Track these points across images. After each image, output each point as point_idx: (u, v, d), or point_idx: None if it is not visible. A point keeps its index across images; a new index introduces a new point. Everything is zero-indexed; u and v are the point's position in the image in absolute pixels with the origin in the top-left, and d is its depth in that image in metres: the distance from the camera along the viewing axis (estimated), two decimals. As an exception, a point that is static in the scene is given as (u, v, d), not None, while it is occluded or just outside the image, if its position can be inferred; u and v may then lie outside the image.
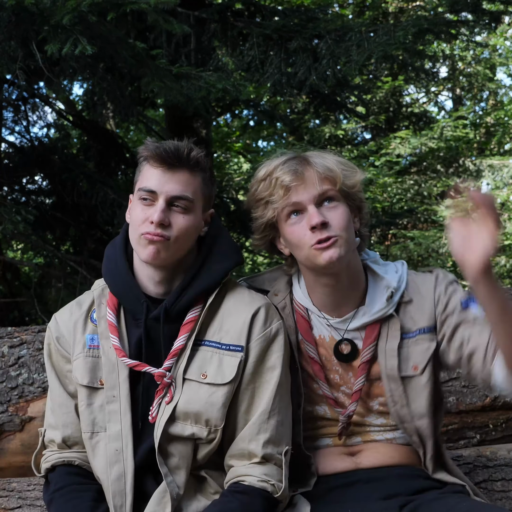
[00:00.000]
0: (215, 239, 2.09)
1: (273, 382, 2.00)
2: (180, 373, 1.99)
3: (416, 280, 2.17)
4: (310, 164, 2.07)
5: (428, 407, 2.10)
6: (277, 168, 2.07)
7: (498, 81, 13.86)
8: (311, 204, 2.03)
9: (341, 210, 2.06)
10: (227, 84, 4.35)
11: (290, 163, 2.07)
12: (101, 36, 4.01)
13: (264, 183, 2.10)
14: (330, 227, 2.02)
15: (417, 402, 2.10)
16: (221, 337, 2.01)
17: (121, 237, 2.13)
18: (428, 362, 2.09)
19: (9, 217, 4.81)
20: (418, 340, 2.10)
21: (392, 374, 2.09)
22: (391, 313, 2.11)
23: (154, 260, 1.98)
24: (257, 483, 1.94)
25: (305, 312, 2.17)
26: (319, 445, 2.19)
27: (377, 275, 2.16)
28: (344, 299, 2.14)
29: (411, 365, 2.10)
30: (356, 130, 12.75)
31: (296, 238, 2.06)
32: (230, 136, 12.03)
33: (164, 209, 1.96)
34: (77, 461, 2.07)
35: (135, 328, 2.05)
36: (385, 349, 2.10)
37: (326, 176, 2.05)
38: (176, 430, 1.98)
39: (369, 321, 2.11)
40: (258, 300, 2.07)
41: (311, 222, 2.01)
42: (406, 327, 2.11)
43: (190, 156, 1.98)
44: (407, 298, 2.13)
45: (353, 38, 4.97)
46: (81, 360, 2.06)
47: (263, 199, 2.10)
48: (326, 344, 2.16)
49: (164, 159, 1.97)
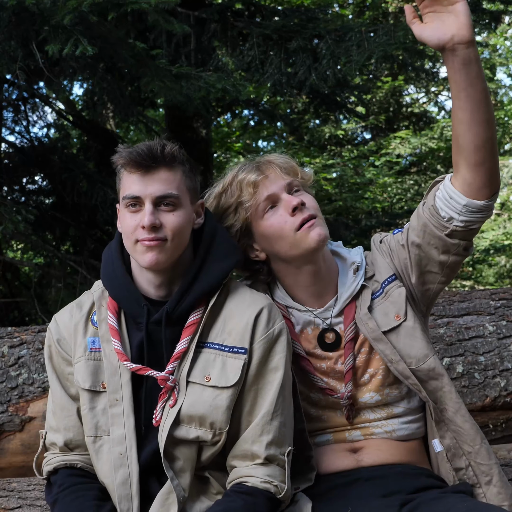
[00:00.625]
0: (212, 237, 2.08)
1: (276, 383, 1.99)
2: (184, 376, 1.98)
3: (367, 255, 2.25)
4: (269, 161, 2.16)
5: (427, 346, 2.12)
6: (238, 173, 2.15)
7: (498, 81, 13.87)
8: (283, 192, 2.11)
9: (310, 196, 2.16)
10: (226, 84, 4.35)
11: (248, 165, 2.16)
12: (101, 36, 4.01)
13: (226, 193, 2.16)
14: (308, 208, 2.11)
15: (415, 346, 2.11)
16: (224, 339, 2.00)
17: (116, 241, 2.12)
18: (406, 305, 2.13)
19: (9, 217, 4.81)
20: (387, 292, 2.15)
21: (375, 335, 2.12)
22: (362, 284, 2.17)
23: (155, 265, 1.96)
24: (260, 484, 1.94)
25: (285, 311, 2.19)
26: (320, 442, 2.19)
27: (343, 258, 2.23)
28: (324, 287, 2.18)
29: (393, 316, 2.13)
30: (356, 130, 12.75)
31: (278, 228, 2.09)
32: (230, 136, 12.03)
33: (152, 211, 1.94)
34: (80, 464, 2.06)
35: (136, 331, 2.03)
36: (360, 317, 2.14)
37: (287, 168, 2.15)
38: (181, 433, 1.97)
39: (346, 300, 2.16)
40: (260, 301, 2.06)
41: (292, 203, 2.08)
42: (372, 290, 2.17)
43: (164, 153, 1.96)
44: (370, 273, 2.19)
45: (353, 38, 4.97)
46: (82, 363, 2.05)
47: (231, 206, 2.15)
48: (309, 337, 2.19)
49: (139, 163, 1.94)
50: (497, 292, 2.93)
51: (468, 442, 2.11)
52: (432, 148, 11.05)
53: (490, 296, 2.89)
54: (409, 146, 10.91)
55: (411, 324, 2.12)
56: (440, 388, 2.12)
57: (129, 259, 2.08)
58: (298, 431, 2.10)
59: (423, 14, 1.89)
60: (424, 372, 2.11)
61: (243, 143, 12.36)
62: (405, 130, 11.71)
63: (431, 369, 2.11)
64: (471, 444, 2.10)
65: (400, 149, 10.91)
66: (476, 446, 2.10)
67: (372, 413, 2.18)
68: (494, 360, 2.72)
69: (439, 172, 11.62)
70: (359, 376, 2.17)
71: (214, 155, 11.34)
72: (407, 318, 2.13)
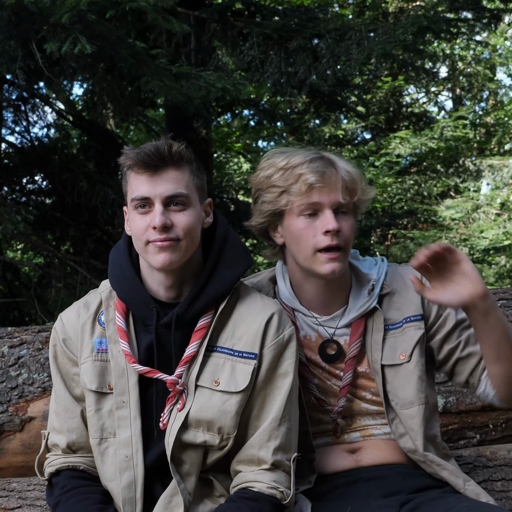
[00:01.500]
0: (224, 242, 2.06)
1: (285, 389, 1.98)
2: (193, 380, 1.97)
3: (401, 271, 2.19)
4: (336, 168, 2.07)
5: (417, 394, 2.10)
6: (303, 165, 2.06)
7: (498, 81, 13.86)
8: (329, 208, 2.04)
9: (352, 223, 2.09)
10: (226, 83, 4.35)
11: (316, 163, 2.06)
12: (100, 35, 4.01)
13: (284, 173, 2.08)
14: (341, 236, 2.05)
15: (405, 389, 2.10)
16: (234, 344, 1.99)
17: (123, 241, 2.10)
18: (414, 348, 2.11)
19: (9, 217, 4.81)
20: (405, 329, 2.12)
21: (376, 367, 2.11)
22: (375, 306, 2.13)
23: (168, 266, 1.94)
24: (267, 490, 1.93)
25: (291, 313, 2.17)
26: (319, 444, 2.18)
27: (358, 271, 2.19)
28: (333, 298, 2.15)
29: (399, 354, 2.11)
30: (356, 130, 12.76)
31: (304, 236, 2.06)
32: (230, 136, 12.04)
33: (163, 212, 1.92)
34: (82, 466, 2.05)
35: (145, 333, 2.01)
36: (370, 342, 2.12)
37: (349, 186, 2.06)
38: (188, 437, 1.96)
39: (355, 317, 2.13)
40: (271, 306, 2.04)
41: (328, 226, 2.02)
42: (391, 318, 2.14)
43: (172, 152, 1.94)
44: (387, 289, 2.15)
45: (353, 37, 4.98)
46: (89, 364, 2.02)
47: (279, 187, 2.08)
48: (312, 344, 2.17)
49: (148, 163, 1.93)
50: (497, 292, 2.92)
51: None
52: (432, 148, 11.04)
53: (491, 296, 2.88)
54: (409, 146, 10.91)
55: (411, 368, 2.11)
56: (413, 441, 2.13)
57: (138, 260, 2.06)
58: (302, 433, 2.09)
59: (430, 282, 1.98)
60: (404, 417, 2.11)
61: (243, 143, 12.37)
62: (405, 130, 11.72)
63: (411, 416, 2.11)
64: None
65: (400, 149, 10.91)
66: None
67: (372, 420, 2.18)
68: (495, 360, 2.71)
69: (439, 172, 11.62)
70: (359, 392, 2.16)
71: (214, 155, 11.34)
72: (410, 360, 2.11)
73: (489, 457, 2.51)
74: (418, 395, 2.10)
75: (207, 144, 7.89)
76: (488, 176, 11.60)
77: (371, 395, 2.16)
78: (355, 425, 2.17)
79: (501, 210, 10.82)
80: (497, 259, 10.48)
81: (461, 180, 11.72)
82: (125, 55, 4.20)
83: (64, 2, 3.69)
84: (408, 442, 2.10)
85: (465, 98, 13.92)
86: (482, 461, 2.48)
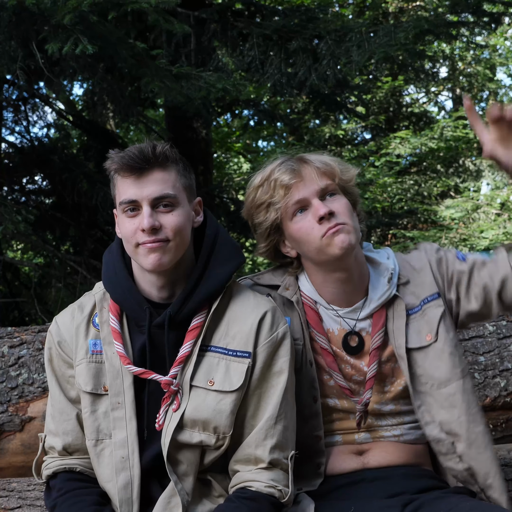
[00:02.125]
0: (215, 239, 2.06)
1: (280, 387, 1.99)
2: (187, 380, 1.97)
3: (407, 259, 2.22)
4: (306, 161, 2.12)
5: (452, 370, 2.10)
6: (274, 170, 2.10)
7: (498, 81, 13.86)
8: (315, 197, 2.07)
9: (344, 201, 2.11)
10: (227, 84, 4.35)
11: (286, 164, 2.11)
12: (101, 36, 4.01)
13: (262, 188, 2.12)
14: (336, 215, 2.06)
15: (440, 368, 2.10)
16: (228, 343, 2.00)
17: (116, 243, 2.10)
18: (438, 327, 2.12)
19: (10, 217, 4.81)
20: (425, 311, 2.14)
21: (401, 353, 2.12)
22: (394, 293, 2.15)
23: (159, 267, 1.95)
24: (265, 489, 1.93)
25: (313, 305, 2.18)
26: (329, 442, 2.18)
27: (375, 262, 2.20)
28: (353, 291, 2.16)
29: (425, 335, 2.12)
30: (356, 130, 12.75)
31: (305, 233, 2.07)
32: (230, 136, 12.03)
33: (151, 213, 1.92)
34: (79, 468, 2.05)
35: (139, 334, 2.02)
36: (393, 329, 2.13)
37: (324, 171, 2.10)
38: (184, 437, 1.97)
39: (376, 307, 2.15)
40: (264, 304, 2.05)
41: (319, 212, 2.04)
42: (409, 303, 2.15)
43: (156, 153, 1.94)
44: (403, 279, 2.17)
45: (353, 39, 4.97)
46: (84, 366, 2.03)
47: (263, 203, 2.12)
48: (335, 338, 2.18)
49: (133, 166, 1.93)
50: (497, 292, 2.92)
51: (481, 475, 2.08)
52: (432, 148, 11.03)
53: (490, 296, 2.88)
54: (409, 146, 10.90)
55: (441, 346, 2.11)
56: (456, 419, 2.09)
57: (131, 261, 2.06)
58: (314, 437, 2.10)
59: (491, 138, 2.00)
60: (444, 396, 2.10)
61: (243, 143, 12.37)
62: (405, 130, 11.70)
63: (451, 394, 2.09)
64: (484, 477, 2.07)
65: (400, 149, 10.90)
66: (489, 480, 2.07)
67: (384, 420, 2.18)
68: (494, 360, 2.72)
69: (439, 172, 11.62)
70: (381, 384, 2.16)
71: (214, 155, 11.34)
72: (437, 339, 2.12)
73: (489, 457, 2.51)
74: (454, 371, 2.10)
75: (207, 144, 7.89)
76: (488, 176, 11.60)
77: (390, 386, 2.16)
78: (366, 424, 2.17)
79: (501, 210, 10.81)
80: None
81: (461, 180, 11.72)
82: (126, 56, 4.20)
83: (65, 4, 3.69)
84: (434, 430, 2.10)
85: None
86: (482, 462, 2.48)
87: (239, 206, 7.03)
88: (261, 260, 10.82)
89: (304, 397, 2.12)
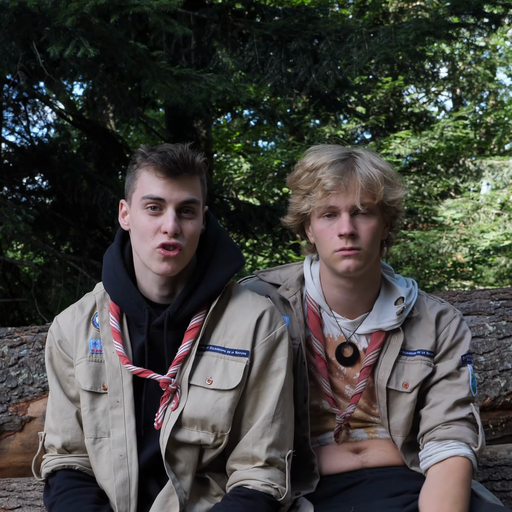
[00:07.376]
0: (216, 242, 2.08)
1: (277, 386, 2.00)
2: (185, 379, 1.99)
3: (426, 303, 2.19)
4: (354, 170, 2.05)
5: (404, 426, 2.12)
6: (323, 168, 2.06)
7: (498, 81, 13.87)
8: (346, 211, 2.04)
9: (373, 224, 2.07)
10: (227, 86, 4.35)
11: (336, 167, 2.05)
12: (102, 37, 4.01)
13: (308, 175, 2.09)
14: (357, 239, 2.04)
15: (396, 417, 2.12)
16: (226, 342, 2.01)
17: (116, 244, 2.11)
18: (419, 384, 2.11)
19: (10, 217, 4.82)
20: (416, 360, 2.13)
21: (381, 385, 2.12)
22: (398, 327, 2.13)
23: (167, 274, 1.97)
24: (261, 487, 1.94)
25: (317, 309, 2.19)
26: (324, 439, 2.19)
27: (389, 284, 2.19)
28: (357, 301, 2.16)
29: (402, 382, 2.12)
30: (356, 130, 12.74)
31: (323, 238, 2.08)
32: (230, 136, 12.03)
33: (176, 218, 1.94)
34: (78, 466, 2.07)
35: (138, 334, 2.04)
36: (382, 360, 2.13)
37: (369, 190, 2.04)
38: (183, 436, 1.98)
39: (376, 329, 2.14)
40: (262, 304, 2.06)
41: (341, 230, 2.03)
42: (408, 344, 2.14)
43: (195, 163, 1.97)
44: (415, 313, 2.15)
45: (353, 40, 4.98)
46: (83, 365, 2.05)
47: (302, 191, 2.11)
48: (334, 344, 2.18)
49: (172, 170, 1.94)
50: (497, 292, 2.93)
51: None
52: (432, 148, 11.03)
53: (490, 296, 2.89)
54: (409, 146, 10.89)
55: (409, 401, 2.12)
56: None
57: (130, 260, 2.07)
58: (302, 439, 2.11)
59: None
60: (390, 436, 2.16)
61: (243, 143, 12.36)
62: (405, 130, 11.69)
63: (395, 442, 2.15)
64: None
65: (400, 149, 10.89)
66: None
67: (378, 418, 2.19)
68: (494, 360, 2.72)
69: (439, 172, 11.62)
70: (372, 402, 2.18)
71: (214, 155, 11.34)
72: (411, 393, 2.11)
73: (489, 457, 2.51)
74: (405, 428, 2.13)
75: (207, 144, 7.90)
76: (488, 176, 11.59)
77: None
78: (357, 423, 2.18)
79: (501, 210, 10.81)
80: (497, 259, 10.48)
81: (461, 180, 11.71)
82: (127, 57, 4.20)
83: (67, 6, 3.69)
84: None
85: (465, 98, 13.91)
86: (482, 461, 2.48)
87: (239, 206, 7.04)
88: (261, 260, 10.82)
89: (298, 397, 2.13)
